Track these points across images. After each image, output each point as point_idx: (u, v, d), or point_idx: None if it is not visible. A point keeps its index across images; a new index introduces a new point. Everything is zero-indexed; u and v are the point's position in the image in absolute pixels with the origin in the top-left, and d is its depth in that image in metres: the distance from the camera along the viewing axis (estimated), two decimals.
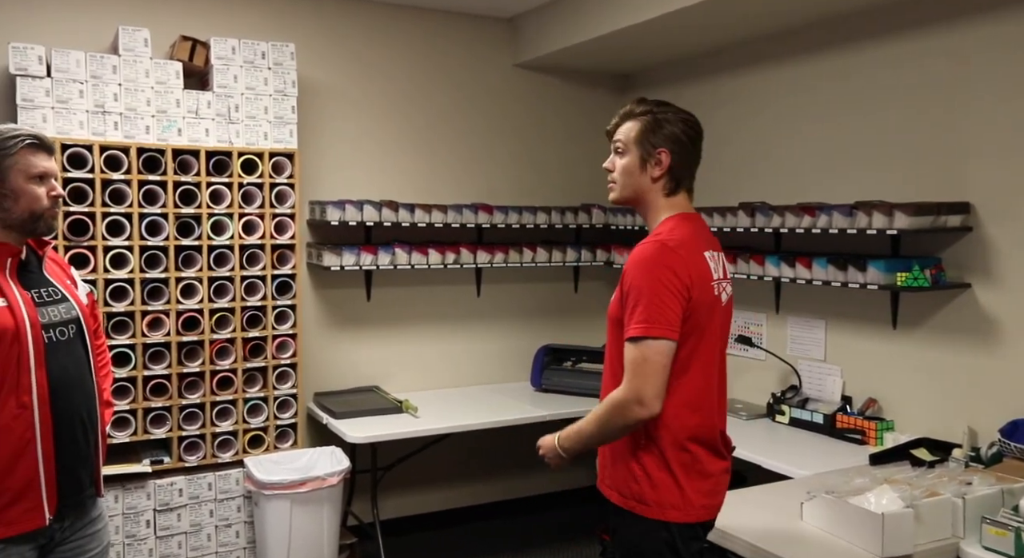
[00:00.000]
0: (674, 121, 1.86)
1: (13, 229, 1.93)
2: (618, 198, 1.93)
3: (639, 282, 1.74)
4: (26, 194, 1.91)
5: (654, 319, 1.71)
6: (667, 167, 1.85)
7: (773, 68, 3.66)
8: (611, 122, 1.95)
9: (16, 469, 1.86)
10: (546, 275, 4.51)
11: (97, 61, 3.18)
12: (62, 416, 1.93)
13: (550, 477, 4.57)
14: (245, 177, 3.44)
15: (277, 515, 3.26)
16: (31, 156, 1.92)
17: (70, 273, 2.15)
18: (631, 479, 1.83)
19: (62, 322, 1.97)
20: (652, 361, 1.70)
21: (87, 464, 2.02)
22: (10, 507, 1.85)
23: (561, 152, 4.52)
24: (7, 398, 1.84)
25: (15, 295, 1.88)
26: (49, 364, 1.91)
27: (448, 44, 4.19)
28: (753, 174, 3.76)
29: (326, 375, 3.95)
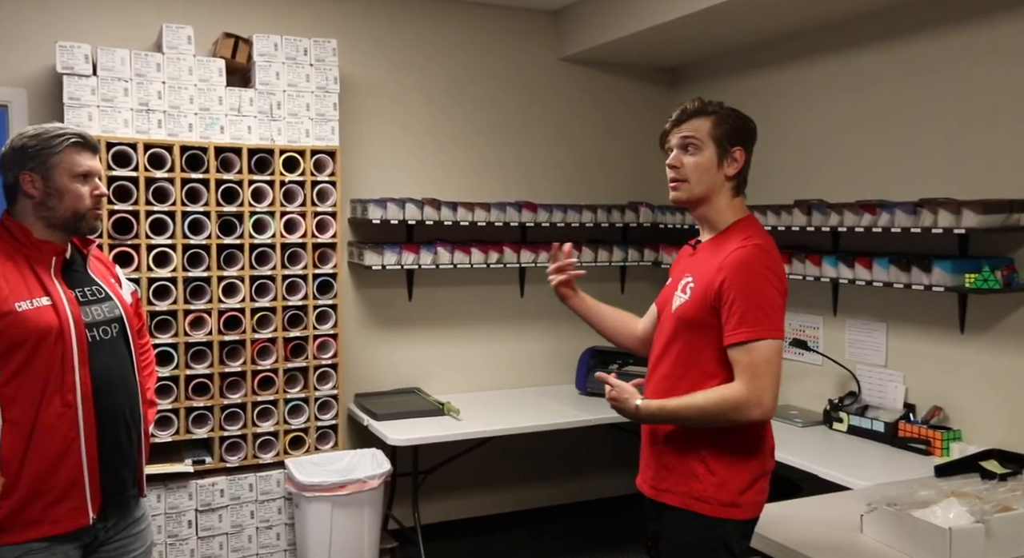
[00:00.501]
0: (740, 119, 1.92)
1: (57, 228, 1.97)
2: (689, 198, 1.94)
3: (746, 285, 1.79)
4: (70, 193, 1.95)
5: (769, 320, 1.78)
6: (741, 166, 1.91)
7: (829, 60, 3.59)
8: (671, 120, 1.96)
9: (61, 468, 1.90)
10: (592, 275, 4.41)
11: (141, 59, 3.26)
12: (105, 415, 1.97)
13: (595, 483, 4.54)
14: (287, 175, 3.48)
15: (318, 517, 3.30)
16: (76, 155, 1.97)
17: (115, 272, 2.20)
18: (691, 477, 1.87)
19: (105, 321, 2.01)
20: (772, 363, 1.78)
21: (130, 464, 2.06)
22: (55, 505, 1.90)
23: (606, 148, 4.49)
24: (52, 397, 1.88)
25: (59, 294, 1.93)
26: (92, 363, 1.95)
27: (491, 38, 4.19)
28: (809, 170, 3.69)
29: (367, 376, 3.98)
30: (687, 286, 1.93)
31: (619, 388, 1.93)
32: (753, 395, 1.77)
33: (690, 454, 1.89)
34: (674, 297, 1.97)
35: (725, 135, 1.89)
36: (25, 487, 1.87)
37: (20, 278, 1.89)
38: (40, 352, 1.87)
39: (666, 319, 2.00)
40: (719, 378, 1.86)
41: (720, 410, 1.80)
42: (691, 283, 1.92)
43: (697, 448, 1.88)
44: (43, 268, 1.93)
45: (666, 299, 2.03)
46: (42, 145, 1.94)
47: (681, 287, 1.95)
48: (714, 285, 1.84)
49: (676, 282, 2.00)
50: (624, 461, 4.56)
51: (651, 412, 1.89)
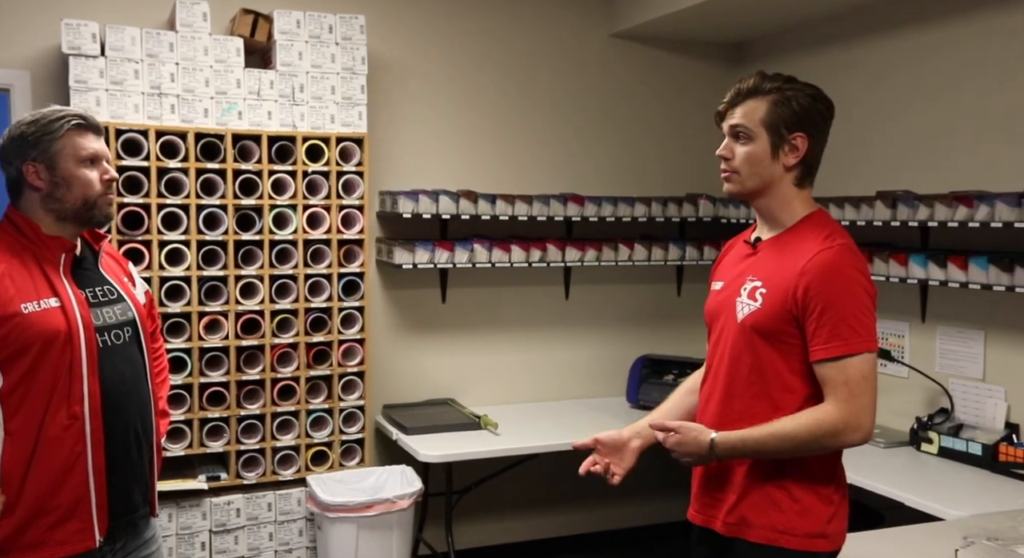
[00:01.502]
0: (806, 98, 1.80)
1: (68, 221, 1.96)
2: (741, 191, 1.86)
3: (836, 292, 1.72)
4: (78, 180, 1.94)
5: (864, 330, 1.71)
6: (803, 154, 1.80)
7: (916, 30, 3.46)
8: (724, 101, 1.87)
9: (66, 485, 1.89)
10: (644, 275, 4.41)
11: (153, 38, 3.24)
12: (114, 428, 1.96)
13: (646, 508, 4.47)
14: (310, 165, 3.45)
15: (342, 541, 3.27)
16: (79, 138, 1.95)
17: (128, 269, 2.19)
18: (772, 507, 1.79)
19: (118, 324, 2.00)
20: (870, 379, 1.71)
21: (140, 481, 2.05)
22: (59, 526, 1.89)
23: (662, 134, 4.42)
24: (58, 408, 1.87)
25: (69, 294, 1.91)
26: (103, 370, 1.93)
27: (535, 13, 4.14)
28: (892, 157, 3.57)
29: (396, 386, 3.96)
30: (756, 292, 1.82)
31: (684, 429, 1.82)
32: (852, 417, 1.70)
33: (769, 481, 1.80)
34: (737, 304, 1.85)
35: (782, 120, 1.78)
36: (27, 506, 1.86)
37: (27, 277, 1.88)
38: (47, 358, 1.86)
39: (727, 330, 1.88)
40: (800, 393, 1.78)
41: (814, 438, 1.72)
42: (762, 289, 1.81)
43: (777, 474, 1.80)
44: (52, 266, 1.92)
45: (720, 307, 1.93)
46: (42, 131, 1.92)
47: (747, 293, 1.84)
48: (795, 292, 1.75)
49: (734, 286, 1.89)
50: (678, 484, 4.43)
51: (731, 446, 1.78)
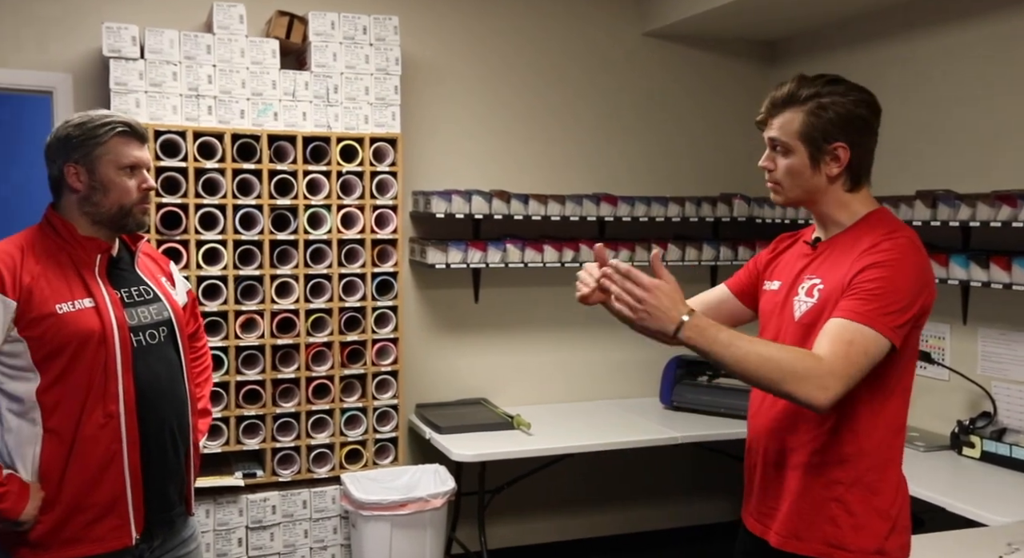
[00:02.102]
0: (846, 103, 1.71)
1: (102, 224, 1.98)
2: (786, 201, 1.82)
3: (887, 272, 1.63)
4: (116, 187, 1.96)
5: (892, 317, 1.61)
6: (846, 163, 1.73)
7: (956, 28, 3.41)
8: (762, 110, 1.81)
9: (102, 483, 1.92)
10: (679, 275, 4.23)
11: (191, 40, 3.29)
12: (150, 427, 1.98)
13: (681, 509, 4.45)
14: (344, 165, 3.49)
15: (376, 539, 3.29)
16: (123, 145, 1.97)
17: (167, 269, 2.21)
18: (826, 521, 1.71)
19: (152, 324, 2.02)
20: (867, 357, 1.58)
21: (176, 479, 2.08)
22: (96, 523, 1.92)
23: (695, 133, 4.39)
24: (94, 407, 1.90)
25: (103, 295, 1.94)
26: (137, 370, 1.96)
27: (567, 12, 4.14)
28: (933, 156, 3.51)
29: (429, 385, 3.98)
30: (814, 289, 1.75)
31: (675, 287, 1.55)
32: (829, 377, 1.54)
33: (823, 492, 1.72)
34: (795, 303, 1.79)
35: (819, 131, 1.70)
36: (65, 502, 1.89)
37: (62, 278, 1.91)
38: (82, 358, 1.88)
39: (783, 330, 1.80)
40: (858, 396, 1.66)
41: (783, 371, 1.54)
42: (819, 285, 1.75)
43: (831, 485, 1.71)
44: (87, 267, 1.95)
45: (775, 307, 1.86)
46: (87, 135, 1.95)
47: (805, 290, 1.78)
48: (849, 276, 1.67)
49: (791, 286, 1.82)
50: (713, 485, 4.45)
51: (700, 326, 1.53)
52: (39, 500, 1.88)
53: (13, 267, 1.87)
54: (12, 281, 1.85)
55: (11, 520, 1.85)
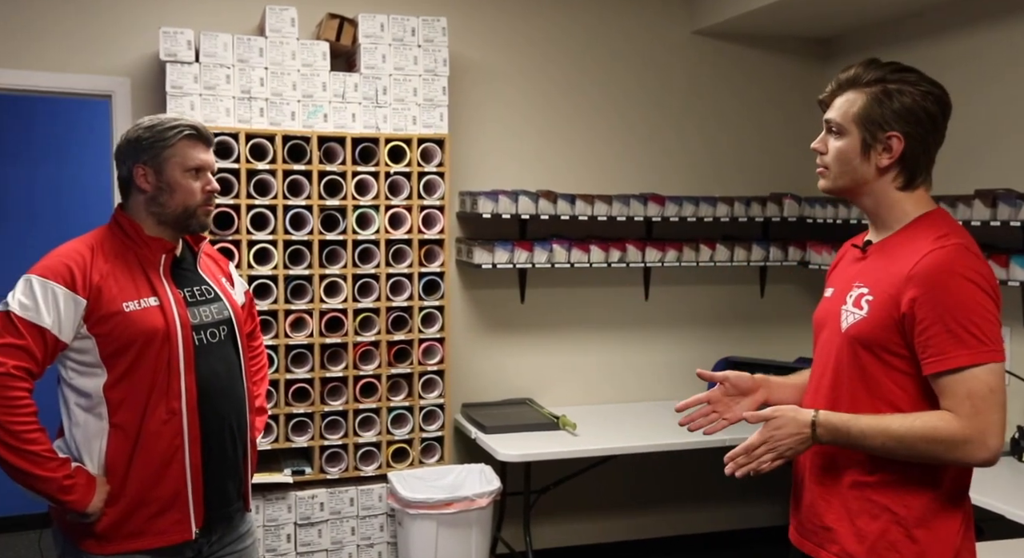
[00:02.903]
0: (913, 93, 1.63)
1: (167, 225, 2.05)
2: (831, 188, 1.74)
3: (950, 297, 1.54)
4: (181, 188, 2.02)
5: (987, 338, 1.53)
6: (899, 155, 1.64)
7: (1017, 24, 3.34)
8: (826, 89, 1.74)
9: (165, 478, 1.98)
10: (727, 276, 4.37)
11: (244, 44, 3.37)
12: (210, 424, 2.04)
13: (727, 513, 4.42)
14: (392, 166, 3.53)
15: (422, 537, 3.33)
16: (189, 148, 2.03)
17: (227, 270, 2.28)
18: (887, 548, 1.62)
19: (213, 323, 2.08)
20: (997, 392, 1.52)
21: (235, 476, 2.13)
22: (158, 517, 1.98)
23: (746, 133, 4.36)
24: (157, 403, 1.96)
25: (168, 294, 2.00)
26: (199, 368, 2.02)
27: (615, 11, 4.14)
28: (993, 154, 3.45)
29: (475, 384, 4.01)
30: (862, 299, 1.67)
31: (778, 411, 1.66)
32: (977, 434, 1.51)
33: (883, 516, 1.63)
34: (842, 312, 1.71)
35: (876, 117, 1.63)
36: (130, 496, 1.95)
37: (129, 277, 1.97)
38: (146, 355, 1.94)
39: (831, 340, 1.75)
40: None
41: (927, 446, 1.54)
42: (868, 296, 1.66)
43: (893, 509, 1.62)
44: (152, 267, 2.01)
45: (827, 315, 1.79)
46: (156, 137, 2.01)
47: (852, 300, 1.70)
48: (902, 299, 1.58)
49: (842, 293, 1.75)
50: (759, 489, 4.42)
51: (833, 427, 1.60)
52: (105, 493, 1.94)
53: (84, 266, 1.93)
54: (83, 280, 1.91)
55: (79, 512, 1.91)
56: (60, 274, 1.91)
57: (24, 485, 1.90)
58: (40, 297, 1.88)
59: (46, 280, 1.90)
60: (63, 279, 1.90)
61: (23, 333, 1.87)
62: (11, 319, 1.87)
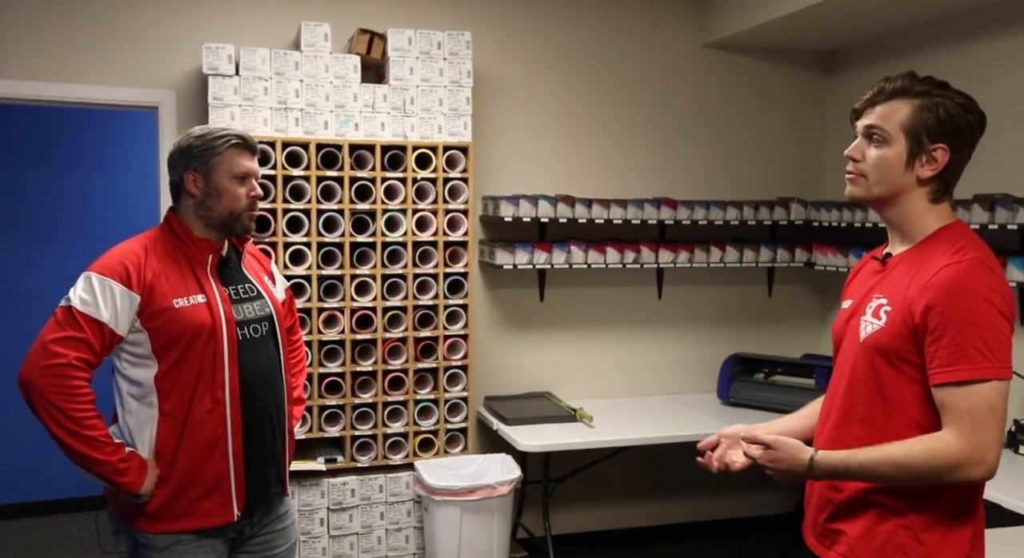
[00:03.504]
0: (958, 109, 1.58)
1: (214, 227, 2.10)
2: (864, 196, 1.64)
3: (963, 309, 1.48)
4: (227, 193, 2.07)
5: (997, 354, 1.47)
6: (942, 167, 1.58)
7: (1015, 34, 3.32)
8: (864, 98, 1.65)
9: (209, 463, 2.02)
10: (736, 277, 4.36)
11: (280, 57, 3.41)
12: (252, 414, 2.08)
13: (735, 502, 4.42)
14: (419, 172, 3.56)
15: (447, 522, 3.36)
16: (236, 156, 2.08)
17: (269, 268, 2.32)
18: (893, 549, 1.57)
19: (256, 319, 2.12)
20: (998, 410, 1.47)
21: (274, 462, 2.17)
22: (203, 500, 2.03)
23: (753, 140, 4.35)
24: (203, 393, 2.01)
25: (214, 292, 2.05)
26: (242, 361, 2.06)
27: (630, 25, 4.14)
28: (992, 160, 3.39)
29: (497, 379, 4.02)
30: (881, 310, 1.60)
31: (779, 444, 1.59)
32: (975, 451, 1.46)
33: (891, 520, 1.58)
34: (861, 322, 1.64)
35: (925, 127, 1.56)
36: (177, 479, 2.00)
37: (179, 276, 2.02)
38: (194, 348, 1.99)
39: (849, 350, 1.67)
40: (927, 428, 1.55)
41: (929, 468, 1.48)
42: (887, 306, 1.60)
43: (902, 512, 1.57)
44: (200, 266, 2.06)
45: (844, 326, 1.72)
46: (206, 145, 2.06)
47: (872, 311, 1.63)
48: (916, 310, 1.53)
49: (861, 304, 1.68)
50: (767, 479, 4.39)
51: (831, 468, 1.55)
52: (155, 476, 1.99)
53: (139, 265, 1.98)
54: (137, 277, 1.96)
55: (131, 493, 1.96)
56: (117, 272, 1.95)
57: (83, 467, 1.94)
58: (99, 293, 1.93)
59: (104, 277, 1.94)
60: (120, 277, 1.95)
61: (83, 327, 1.91)
62: (73, 314, 1.92)
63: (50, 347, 1.90)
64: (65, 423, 1.89)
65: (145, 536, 2.02)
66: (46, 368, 1.89)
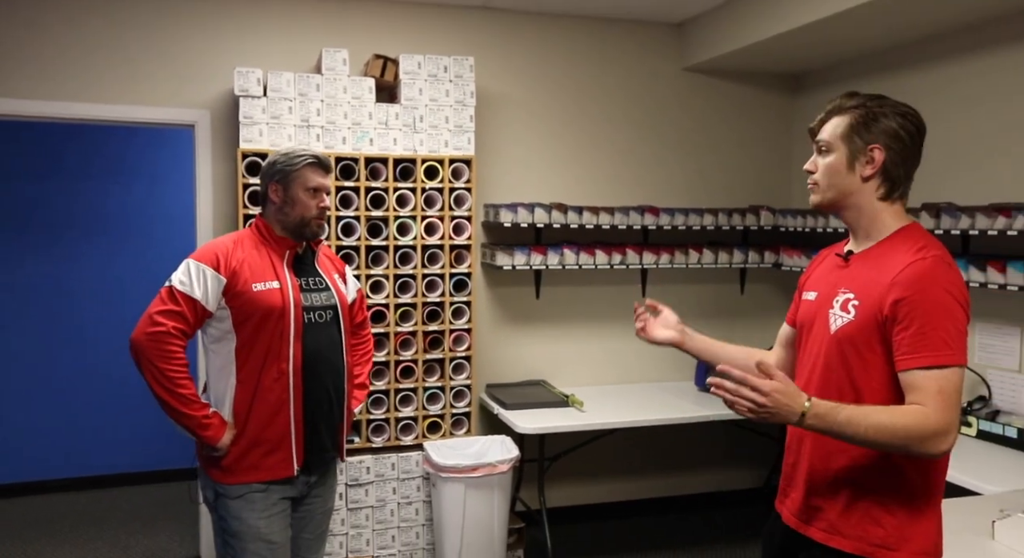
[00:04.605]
0: (891, 115, 1.62)
1: (288, 231, 2.25)
2: (820, 202, 1.67)
3: (930, 302, 1.49)
4: (300, 203, 2.22)
5: (957, 345, 1.49)
6: (880, 165, 1.61)
7: (961, 62, 3.36)
8: (816, 119, 1.71)
9: (274, 424, 2.15)
10: (712, 276, 4.39)
11: (304, 80, 3.45)
12: (311, 385, 2.20)
13: (711, 477, 4.45)
14: (427, 182, 3.59)
15: (452, 496, 3.38)
16: (310, 172, 2.24)
17: (342, 270, 2.45)
18: (870, 522, 1.57)
19: (322, 307, 2.25)
20: (960, 392, 1.49)
21: (329, 429, 2.28)
22: (269, 455, 2.16)
23: (728, 154, 4.38)
24: (271, 364, 2.14)
25: (287, 280, 2.19)
26: (305, 340, 2.19)
27: (617, 51, 4.17)
28: (937, 172, 3.46)
29: (497, 368, 4.05)
30: (849, 304, 1.61)
31: (787, 381, 1.48)
32: (947, 425, 1.46)
33: (867, 497, 1.58)
34: (830, 315, 1.64)
35: (858, 132, 1.60)
36: (249, 437, 2.14)
37: (260, 265, 2.17)
38: (266, 326, 2.13)
39: (818, 341, 1.67)
40: None
41: (907, 434, 1.46)
42: (854, 301, 1.60)
43: (877, 490, 1.57)
44: (278, 259, 2.21)
45: (812, 317, 1.71)
46: (287, 162, 2.23)
47: (839, 304, 1.63)
48: (884, 304, 1.53)
49: (827, 297, 1.68)
50: (740, 457, 4.44)
51: (823, 412, 1.47)
52: (232, 434, 2.13)
53: (227, 254, 2.15)
54: (225, 264, 2.13)
55: (212, 446, 2.12)
56: (209, 259, 2.13)
57: (174, 419, 2.11)
58: (194, 276, 2.11)
59: (199, 263, 2.13)
60: (211, 262, 2.12)
61: (180, 302, 2.09)
62: (173, 292, 2.10)
63: (154, 317, 2.08)
64: (162, 381, 2.06)
65: (222, 487, 2.16)
66: (149, 334, 2.06)
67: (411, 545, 3.62)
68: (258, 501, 2.16)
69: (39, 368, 4.64)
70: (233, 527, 2.16)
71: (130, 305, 4.50)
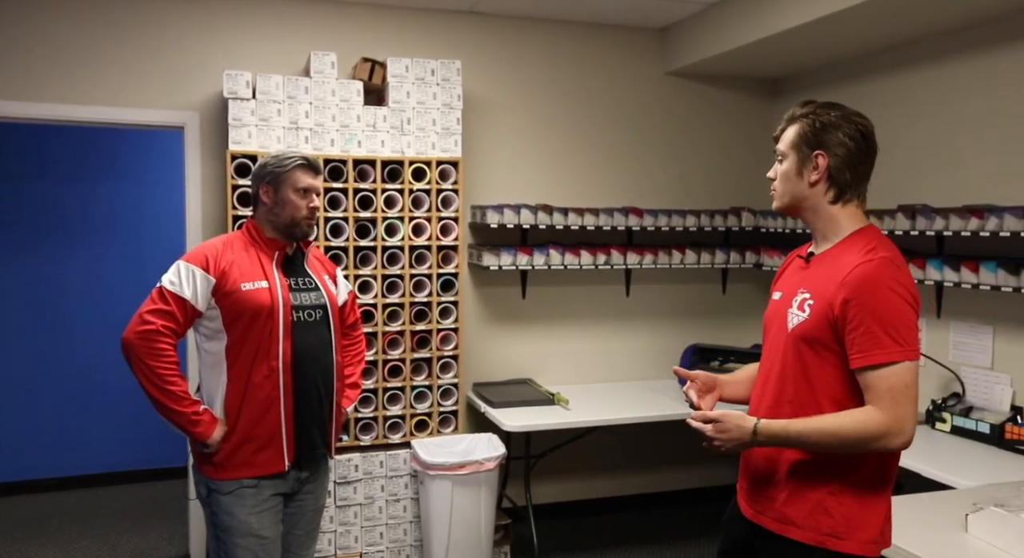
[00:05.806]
0: (837, 123, 1.65)
1: (279, 231, 2.25)
2: (778, 206, 1.75)
3: (875, 302, 1.53)
4: (290, 204, 2.23)
5: (905, 340, 1.53)
6: (824, 171, 1.65)
7: (935, 67, 3.40)
8: (778, 128, 1.77)
9: (265, 421, 2.16)
10: (694, 276, 4.41)
11: (292, 83, 3.43)
12: (300, 383, 2.21)
13: (691, 474, 4.47)
14: (415, 184, 3.58)
15: (440, 493, 3.38)
16: (300, 173, 2.25)
17: (332, 272, 2.45)
18: (821, 512, 1.61)
19: (311, 306, 2.26)
20: (912, 387, 1.53)
21: (319, 425, 2.28)
22: (260, 452, 2.17)
23: (710, 156, 4.40)
24: (261, 362, 2.15)
25: (276, 280, 2.20)
26: (295, 339, 2.19)
27: (601, 55, 4.19)
28: (912, 175, 3.51)
29: (484, 367, 4.05)
30: (805, 303, 1.66)
31: (726, 417, 1.60)
32: (896, 423, 1.51)
33: (819, 486, 1.61)
34: (788, 314, 1.70)
35: (804, 140, 1.66)
36: (239, 434, 2.15)
37: (249, 265, 2.18)
38: (255, 324, 2.14)
39: (778, 339, 1.73)
40: (846, 406, 1.59)
41: (858, 437, 1.52)
42: (810, 300, 1.65)
43: (828, 481, 1.61)
44: (268, 259, 2.22)
45: (775, 316, 1.77)
46: (277, 164, 2.24)
47: (797, 304, 1.68)
48: (835, 303, 1.58)
49: (788, 298, 1.73)
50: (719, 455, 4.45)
51: (772, 434, 1.58)
52: (223, 431, 2.14)
53: (216, 255, 2.16)
54: (214, 264, 2.14)
55: (203, 442, 2.12)
56: (199, 260, 2.15)
57: (164, 416, 2.11)
58: (184, 276, 2.12)
59: (189, 264, 2.14)
60: (200, 263, 2.14)
61: (170, 302, 2.10)
62: (163, 292, 2.12)
63: (144, 316, 2.09)
64: (152, 378, 2.07)
65: (214, 483, 2.17)
66: (140, 333, 2.07)
67: (399, 542, 3.61)
68: (249, 497, 2.16)
69: (27, 368, 4.60)
70: (224, 522, 2.17)
71: (118, 305, 4.48)
